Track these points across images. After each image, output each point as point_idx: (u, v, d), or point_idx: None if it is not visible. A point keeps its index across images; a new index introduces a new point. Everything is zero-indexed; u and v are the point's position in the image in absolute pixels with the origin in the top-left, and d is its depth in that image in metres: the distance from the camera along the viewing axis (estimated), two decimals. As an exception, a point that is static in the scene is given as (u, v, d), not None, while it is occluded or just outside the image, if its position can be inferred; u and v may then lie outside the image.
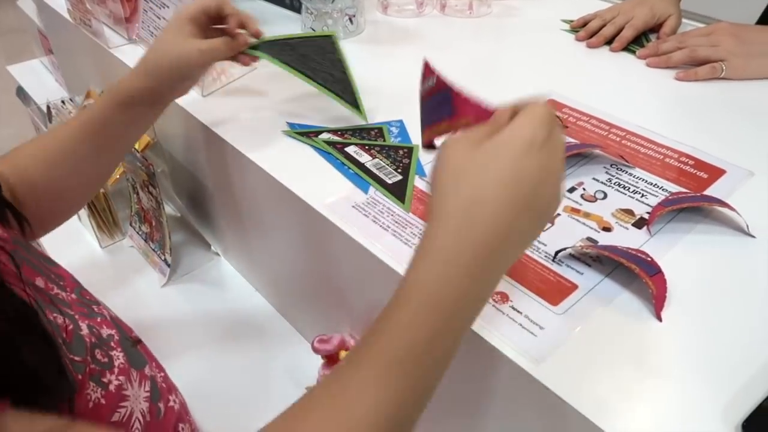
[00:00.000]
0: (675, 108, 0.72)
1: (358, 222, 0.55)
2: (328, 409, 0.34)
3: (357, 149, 0.65)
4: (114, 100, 0.58)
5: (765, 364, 0.42)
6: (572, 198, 0.57)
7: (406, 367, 0.34)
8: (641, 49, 0.82)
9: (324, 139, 0.66)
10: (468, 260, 0.33)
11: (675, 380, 0.41)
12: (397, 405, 0.34)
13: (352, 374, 0.34)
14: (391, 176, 0.61)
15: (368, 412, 0.33)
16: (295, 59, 0.65)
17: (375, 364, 0.34)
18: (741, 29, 0.76)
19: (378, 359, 0.34)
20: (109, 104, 0.58)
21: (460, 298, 0.34)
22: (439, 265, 0.34)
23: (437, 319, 0.34)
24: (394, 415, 0.34)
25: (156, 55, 0.59)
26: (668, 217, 0.54)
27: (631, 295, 0.47)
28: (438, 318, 0.34)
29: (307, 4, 0.87)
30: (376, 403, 0.33)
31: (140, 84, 0.59)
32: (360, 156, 0.64)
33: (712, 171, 0.60)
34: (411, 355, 0.34)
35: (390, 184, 0.60)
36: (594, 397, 0.40)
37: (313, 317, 0.71)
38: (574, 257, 0.50)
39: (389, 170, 0.62)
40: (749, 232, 0.52)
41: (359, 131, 0.68)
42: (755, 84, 0.74)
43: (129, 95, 0.58)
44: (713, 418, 0.39)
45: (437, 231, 0.34)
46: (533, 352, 0.43)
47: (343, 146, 0.65)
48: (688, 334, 0.44)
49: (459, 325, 0.35)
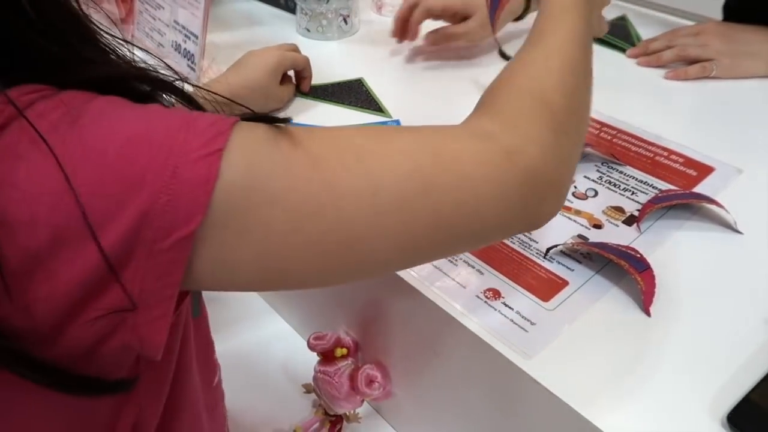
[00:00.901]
0: (665, 106, 0.73)
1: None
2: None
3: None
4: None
5: (750, 358, 0.43)
6: (563, 196, 0.58)
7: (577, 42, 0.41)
8: (631, 48, 0.83)
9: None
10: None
11: (663, 373, 0.42)
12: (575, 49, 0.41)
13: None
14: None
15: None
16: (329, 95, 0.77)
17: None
18: (729, 29, 0.77)
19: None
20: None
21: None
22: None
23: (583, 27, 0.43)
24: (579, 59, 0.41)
25: (247, 90, 0.66)
26: (658, 215, 0.55)
27: (620, 291, 0.48)
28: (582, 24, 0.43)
29: (301, 4, 0.88)
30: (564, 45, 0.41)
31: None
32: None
33: (701, 169, 0.61)
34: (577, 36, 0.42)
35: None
36: (584, 390, 0.41)
37: (309, 314, 0.72)
38: (565, 254, 0.51)
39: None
40: (737, 228, 0.53)
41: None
42: (743, 83, 0.75)
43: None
44: (700, 410, 0.40)
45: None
46: (524, 347, 0.44)
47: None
48: (676, 329, 0.45)
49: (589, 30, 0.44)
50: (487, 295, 0.48)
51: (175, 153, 0.27)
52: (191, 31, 0.75)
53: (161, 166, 0.27)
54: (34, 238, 0.26)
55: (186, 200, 0.27)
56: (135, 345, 0.29)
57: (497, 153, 0.34)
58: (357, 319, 0.61)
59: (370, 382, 0.58)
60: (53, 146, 0.26)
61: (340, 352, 0.60)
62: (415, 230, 0.32)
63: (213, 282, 0.30)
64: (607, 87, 0.78)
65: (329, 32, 0.89)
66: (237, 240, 0.29)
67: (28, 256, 0.26)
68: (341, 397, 0.59)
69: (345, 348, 0.60)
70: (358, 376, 0.58)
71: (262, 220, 0.29)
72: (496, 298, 0.48)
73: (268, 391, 0.70)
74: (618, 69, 0.81)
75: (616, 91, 0.76)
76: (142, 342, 0.29)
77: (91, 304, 0.27)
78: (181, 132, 0.28)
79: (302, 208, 0.29)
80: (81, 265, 0.26)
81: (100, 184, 0.26)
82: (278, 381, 0.71)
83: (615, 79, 0.79)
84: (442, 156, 0.33)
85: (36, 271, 0.26)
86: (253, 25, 0.95)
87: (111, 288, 0.27)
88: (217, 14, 0.94)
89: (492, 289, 0.48)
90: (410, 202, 0.31)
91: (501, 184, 0.34)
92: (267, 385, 0.71)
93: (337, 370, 0.59)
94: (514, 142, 0.35)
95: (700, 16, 0.91)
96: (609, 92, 0.75)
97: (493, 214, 0.34)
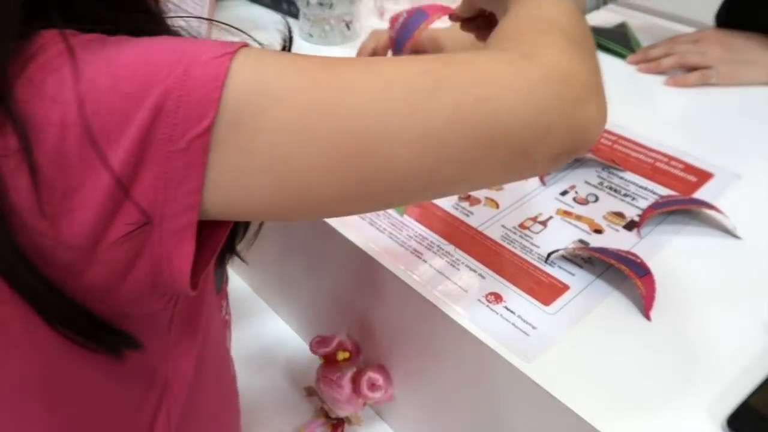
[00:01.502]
0: (665, 113, 0.74)
1: (355, 225, 0.56)
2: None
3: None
4: None
5: (750, 362, 0.43)
6: (564, 201, 0.58)
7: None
8: (631, 55, 0.84)
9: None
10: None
11: (662, 377, 0.42)
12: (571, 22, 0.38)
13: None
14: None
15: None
16: None
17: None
18: (729, 37, 0.78)
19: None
20: None
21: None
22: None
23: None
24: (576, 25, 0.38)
25: None
26: (658, 220, 0.55)
27: (620, 295, 0.48)
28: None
29: (304, 10, 0.89)
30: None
31: None
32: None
33: (700, 174, 0.61)
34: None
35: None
36: (584, 394, 0.41)
37: (311, 317, 0.72)
38: (566, 259, 0.52)
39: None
40: (736, 233, 0.54)
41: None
42: (742, 90, 0.76)
43: None
44: (700, 414, 0.40)
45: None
46: (526, 351, 0.44)
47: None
48: (676, 333, 0.45)
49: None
50: (488, 299, 0.48)
51: (188, 55, 0.28)
52: (194, 35, 0.75)
53: (173, 65, 0.28)
54: (65, 138, 0.27)
55: (197, 96, 0.28)
56: (164, 267, 0.30)
57: (513, 55, 0.33)
58: (359, 322, 0.61)
59: (372, 386, 0.58)
60: (81, 59, 0.28)
61: (342, 356, 0.60)
62: (434, 129, 0.30)
63: (229, 201, 0.30)
64: (608, 93, 0.78)
65: (332, 38, 0.89)
66: (250, 142, 0.29)
67: (59, 160, 0.27)
68: (343, 400, 0.59)
69: (347, 351, 0.60)
70: (360, 379, 0.58)
71: (274, 120, 0.29)
72: (497, 302, 0.48)
73: (269, 393, 0.70)
74: (618, 76, 0.81)
75: (616, 97, 0.76)
76: (169, 259, 0.30)
77: (117, 216, 0.28)
78: (195, 44, 0.30)
79: (312, 106, 0.29)
80: (107, 169, 0.27)
81: (119, 83, 0.28)
82: (279, 384, 0.71)
83: (615, 86, 0.79)
84: (451, 60, 0.32)
85: (67, 177, 0.27)
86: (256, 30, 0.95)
87: (135, 193, 0.28)
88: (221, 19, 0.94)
89: (493, 293, 0.49)
90: (425, 97, 0.30)
91: (525, 80, 0.31)
92: (268, 387, 0.71)
93: (339, 373, 0.59)
94: (528, 49, 0.33)
95: (700, 23, 0.91)
96: (609, 98, 0.76)
97: (526, 111, 0.31)
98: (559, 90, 0.32)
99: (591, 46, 0.38)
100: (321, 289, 0.67)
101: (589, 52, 0.37)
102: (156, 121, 0.27)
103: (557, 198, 0.59)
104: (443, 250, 0.53)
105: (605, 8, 0.94)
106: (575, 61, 0.34)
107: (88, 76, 0.28)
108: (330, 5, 0.86)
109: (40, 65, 0.28)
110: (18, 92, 0.27)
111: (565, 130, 0.33)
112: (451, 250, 0.53)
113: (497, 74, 0.32)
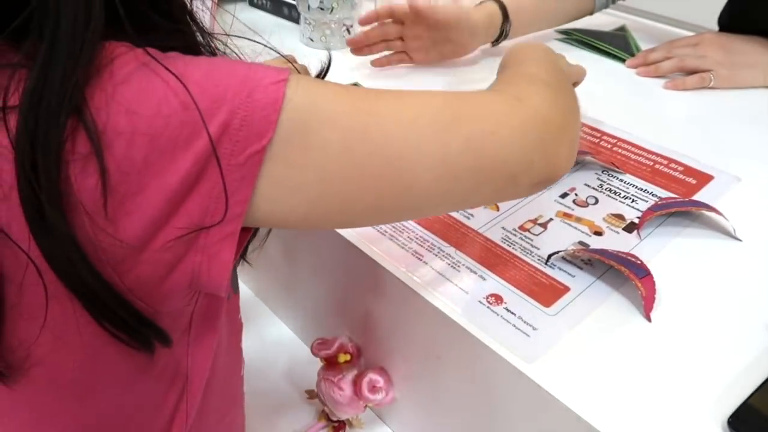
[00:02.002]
0: (664, 116, 0.74)
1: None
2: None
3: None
4: None
5: (750, 362, 0.43)
6: (565, 203, 0.59)
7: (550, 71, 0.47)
8: (631, 59, 0.84)
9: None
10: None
11: (663, 378, 0.42)
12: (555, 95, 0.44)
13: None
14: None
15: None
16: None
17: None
18: (727, 40, 0.78)
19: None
20: None
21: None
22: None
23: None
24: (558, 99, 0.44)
25: None
26: (657, 222, 0.56)
27: (621, 296, 0.48)
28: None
29: (305, 14, 0.89)
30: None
31: None
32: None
33: (700, 177, 0.62)
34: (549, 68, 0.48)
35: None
36: (585, 395, 0.41)
37: (311, 320, 0.73)
38: (567, 260, 0.52)
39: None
40: (736, 235, 0.54)
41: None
42: (741, 92, 0.76)
43: None
44: (701, 414, 0.40)
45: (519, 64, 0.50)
46: (526, 352, 0.44)
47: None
48: (676, 334, 0.45)
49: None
50: (489, 301, 0.48)
51: (251, 79, 0.32)
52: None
53: (239, 88, 0.31)
54: (134, 147, 0.29)
55: (259, 116, 0.31)
56: (204, 269, 0.32)
57: (509, 97, 0.40)
58: (360, 324, 0.62)
59: (373, 388, 0.58)
60: (155, 72, 0.30)
61: (344, 358, 0.60)
62: (451, 155, 0.36)
63: (272, 210, 0.33)
64: (607, 96, 0.79)
65: (332, 42, 0.90)
66: (300, 158, 0.32)
67: (126, 165, 0.29)
68: (344, 403, 0.59)
69: (348, 354, 0.60)
70: (362, 381, 0.58)
71: (320, 140, 0.33)
72: (498, 304, 0.48)
73: (270, 396, 0.70)
74: (618, 79, 0.82)
75: (616, 100, 0.77)
76: (210, 263, 0.32)
77: (171, 221, 0.31)
78: (253, 69, 0.33)
79: (352, 129, 0.34)
80: (170, 177, 0.30)
81: (194, 99, 0.30)
82: (281, 386, 0.71)
83: (615, 89, 0.80)
84: (464, 97, 0.39)
85: (130, 182, 0.30)
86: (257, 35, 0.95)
87: (191, 200, 0.31)
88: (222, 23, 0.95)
89: (494, 294, 0.49)
90: (445, 127, 0.36)
91: (519, 120, 0.39)
92: (269, 390, 0.71)
93: (340, 375, 0.59)
94: (520, 93, 0.41)
95: (699, 27, 0.92)
96: (609, 102, 0.77)
97: (518, 146, 0.38)
98: (541, 131, 0.39)
99: (567, 90, 0.47)
100: (322, 291, 0.67)
101: (565, 98, 0.45)
102: (222, 136, 0.30)
103: (557, 200, 0.59)
104: (444, 252, 0.53)
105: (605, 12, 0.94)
106: (554, 108, 0.41)
107: (159, 92, 0.30)
108: (330, 10, 0.87)
109: (114, 75, 0.30)
110: (93, 100, 0.29)
111: (545, 164, 0.40)
112: (452, 252, 0.53)
113: (499, 112, 0.39)
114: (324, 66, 0.47)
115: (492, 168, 0.38)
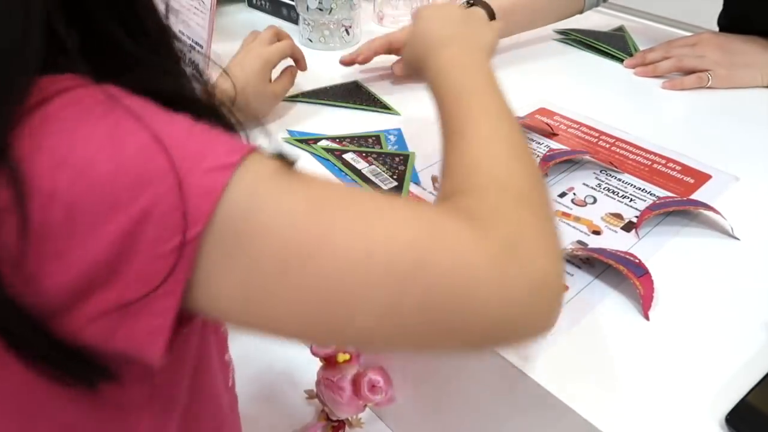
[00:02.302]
0: (662, 115, 0.74)
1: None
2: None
3: (354, 156, 0.66)
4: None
5: (748, 360, 0.43)
6: (563, 202, 0.59)
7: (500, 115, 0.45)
8: (629, 59, 0.84)
9: (323, 147, 0.68)
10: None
11: (662, 376, 0.43)
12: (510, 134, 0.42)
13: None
14: (386, 182, 0.63)
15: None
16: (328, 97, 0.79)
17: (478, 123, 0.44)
18: (725, 40, 0.78)
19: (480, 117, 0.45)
20: None
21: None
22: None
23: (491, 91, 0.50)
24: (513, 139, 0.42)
25: (240, 96, 0.64)
26: (656, 221, 0.56)
27: (619, 295, 0.49)
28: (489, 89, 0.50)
29: (304, 15, 0.89)
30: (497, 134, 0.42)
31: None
32: (357, 163, 0.65)
33: (698, 176, 0.62)
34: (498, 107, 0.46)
35: (385, 190, 0.61)
36: (584, 393, 0.42)
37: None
38: (565, 259, 0.52)
39: (385, 176, 0.63)
40: (733, 234, 0.54)
41: (357, 139, 0.70)
42: (739, 92, 0.76)
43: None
44: (699, 412, 0.40)
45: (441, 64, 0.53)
46: (525, 351, 0.44)
47: (341, 153, 0.67)
48: (675, 332, 0.46)
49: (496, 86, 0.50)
50: (488, 300, 0.49)
51: (189, 158, 0.27)
52: (196, 41, 0.76)
53: (174, 169, 0.27)
54: (51, 209, 0.26)
55: (191, 205, 0.27)
56: (136, 351, 0.29)
57: (498, 245, 0.32)
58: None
59: (372, 387, 0.58)
60: (89, 125, 0.27)
61: (343, 358, 0.60)
62: (402, 305, 0.30)
63: (202, 305, 0.30)
64: (606, 96, 0.79)
65: (331, 42, 0.90)
66: (230, 260, 0.28)
67: (44, 227, 0.26)
68: (344, 403, 0.59)
69: (347, 353, 0.61)
70: (361, 381, 0.58)
71: (253, 251, 0.29)
72: (497, 303, 0.48)
73: (269, 396, 0.70)
74: (616, 79, 0.82)
75: (614, 100, 0.77)
76: (142, 347, 0.29)
77: (93, 298, 0.27)
78: (200, 143, 0.29)
79: (292, 251, 0.29)
80: (87, 252, 0.26)
81: (118, 171, 0.27)
82: (280, 386, 0.71)
83: (613, 89, 0.80)
84: (439, 235, 0.31)
85: (47, 243, 0.26)
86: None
87: (113, 286, 0.27)
88: (221, 24, 0.95)
89: (493, 293, 0.49)
90: (402, 272, 0.29)
91: (503, 276, 0.31)
92: (268, 390, 0.71)
93: (340, 375, 0.59)
94: (508, 235, 0.33)
95: (697, 27, 0.92)
96: (607, 101, 0.77)
97: (496, 308, 0.31)
98: (535, 291, 0.32)
99: (544, 198, 0.39)
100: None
101: (547, 216, 0.37)
102: (145, 220, 0.27)
103: (556, 200, 0.59)
104: (443, 252, 0.53)
105: (604, 12, 0.95)
106: (558, 265, 0.34)
107: (91, 150, 0.26)
108: (329, 10, 0.87)
109: (47, 120, 0.26)
110: (19, 146, 0.26)
111: (534, 323, 0.33)
112: (451, 251, 0.53)
113: (476, 265, 0.31)
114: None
115: (452, 329, 0.31)
